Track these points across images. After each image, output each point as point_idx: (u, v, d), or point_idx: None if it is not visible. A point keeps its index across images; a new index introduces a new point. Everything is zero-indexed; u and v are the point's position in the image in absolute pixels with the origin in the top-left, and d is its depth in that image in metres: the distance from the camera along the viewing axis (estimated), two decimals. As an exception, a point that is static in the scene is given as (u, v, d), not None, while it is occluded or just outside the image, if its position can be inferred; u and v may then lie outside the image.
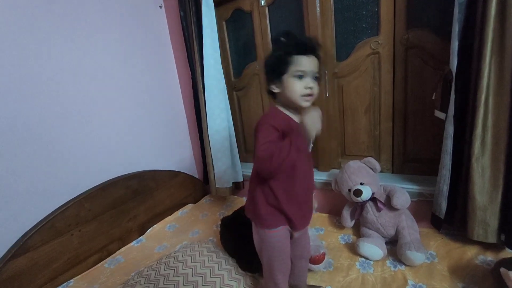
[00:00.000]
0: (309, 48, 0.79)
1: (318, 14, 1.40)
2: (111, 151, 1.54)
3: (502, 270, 0.85)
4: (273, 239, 0.88)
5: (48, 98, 1.26)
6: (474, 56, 0.97)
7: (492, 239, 1.06)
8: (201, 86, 1.69)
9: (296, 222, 0.88)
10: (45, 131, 1.25)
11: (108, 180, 1.48)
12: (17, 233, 1.14)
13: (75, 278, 1.27)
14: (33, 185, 1.20)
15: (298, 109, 0.85)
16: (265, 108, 1.79)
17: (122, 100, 1.59)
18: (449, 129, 1.06)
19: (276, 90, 0.82)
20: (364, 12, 1.34)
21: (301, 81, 0.78)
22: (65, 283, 1.23)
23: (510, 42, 0.90)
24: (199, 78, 1.69)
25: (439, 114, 1.12)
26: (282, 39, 0.81)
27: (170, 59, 1.91)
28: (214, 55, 1.64)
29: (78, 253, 1.31)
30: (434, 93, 1.13)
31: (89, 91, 1.42)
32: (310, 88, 0.78)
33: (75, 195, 1.33)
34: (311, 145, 0.91)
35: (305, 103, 0.81)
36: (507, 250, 1.08)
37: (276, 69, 0.80)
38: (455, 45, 0.98)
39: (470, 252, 1.13)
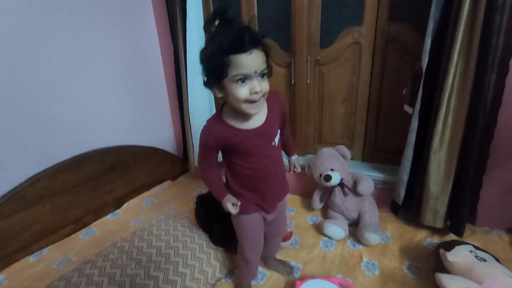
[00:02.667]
0: (248, 43, 0.63)
1: (305, -3, 1.38)
2: (87, 123, 1.50)
3: (441, 251, 0.97)
4: (245, 221, 0.92)
5: (23, 67, 1.19)
6: (444, 55, 1.02)
7: (439, 224, 1.19)
8: (183, 62, 1.65)
9: (265, 206, 0.91)
10: (17, 100, 1.19)
11: (83, 153, 1.46)
12: (-14, 202, 1.13)
13: (48, 247, 1.29)
14: (3, 155, 1.17)
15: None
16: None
17: (100, 71, 1.53)
18: (414, 124, 1.13)
19: (219, 95, 0.71)
20: (349, 1, 1.34)
21: (245, 85, 0.66)
22: (37, 252, 1.25)
23: (476, 45, 0.95)
24: (182, 54, 1.64)
25: (407, 108, 1.19)
26: (214, 28, 0.67)
27: (152, 32, 1.83)
28: (198, 31, 1.58)
29: (51, 223, 1.32)
30: (405, 88, 1.19)
31: (66, 61, 1.35)
32: (257, 92, 0.66)
33: (48, 167, 1.31)
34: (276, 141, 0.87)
35: (252, 110, 0.70)
36: (451, 234, 1.21)
37: (214, 72, 0.67)
38: (428, 42, 1.02)
39: (420, 235, 1.26)
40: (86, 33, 1.43)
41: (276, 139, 0.85)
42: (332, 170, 1.35)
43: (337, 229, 1.27)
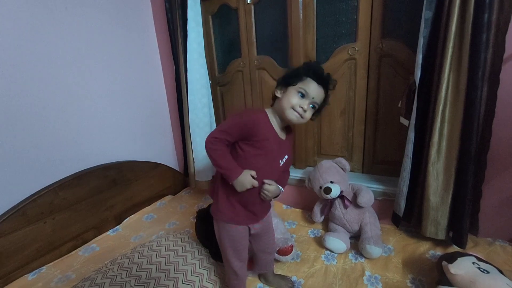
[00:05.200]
0: (322, 78, 0.89)
1: (301, 17, 1.45)
2: (89, 140, 1.52)
3: (443, 263, 0.96)
4: (230, 230, 0.95)
5: (23, 84, 1.23)
6: (436, 70, 1.05)
7: (441, 236, 1.18)
8: (184, 79, 1.70)
9: (256, 215, 0.97)
10: (20, 118, 1.22)
11: (85, 169, 1.47)
12: (-13, 220, 1.13)
13: (47, 265, 1.27)
14: (6, 172, 1.18)
15: (283, 123, 0.92)
16: (247, 104, 1.83)
17: (102, 89, 1.57)
18: (411, 135, 1.15)
19: (278, 94, 0.91)
20: (343, 19, 1.40)
21: (300, 98, 0.86)
22: (36, 270, 1.24)
23: (466, 59, 0.99)
24: (182, 71, 1.70)
25: (403, 121, 1.21)
26: (306, 65, 0.92)
27: (154, 50, 1.90)
28: (198, 50, 1.65)
29: (51, 240, 1.31)
30: (400, 101, 1.22)
31: (68, 79, 1.40)
32: (303, 108, 0.86)
33: (49, 183, 1.32)
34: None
35: (291, 116, 0.87)
36: (454, 246, 1.20)
37: (288, 79, 0.89)
38: (419, 57, 1.06)
39: (423, 247, 1.24)
40: (89, 49, 1.48)
41: (284, 159, 0.97)
42: (331, 182, 1.36)
43: (338, 242, 1.26)
